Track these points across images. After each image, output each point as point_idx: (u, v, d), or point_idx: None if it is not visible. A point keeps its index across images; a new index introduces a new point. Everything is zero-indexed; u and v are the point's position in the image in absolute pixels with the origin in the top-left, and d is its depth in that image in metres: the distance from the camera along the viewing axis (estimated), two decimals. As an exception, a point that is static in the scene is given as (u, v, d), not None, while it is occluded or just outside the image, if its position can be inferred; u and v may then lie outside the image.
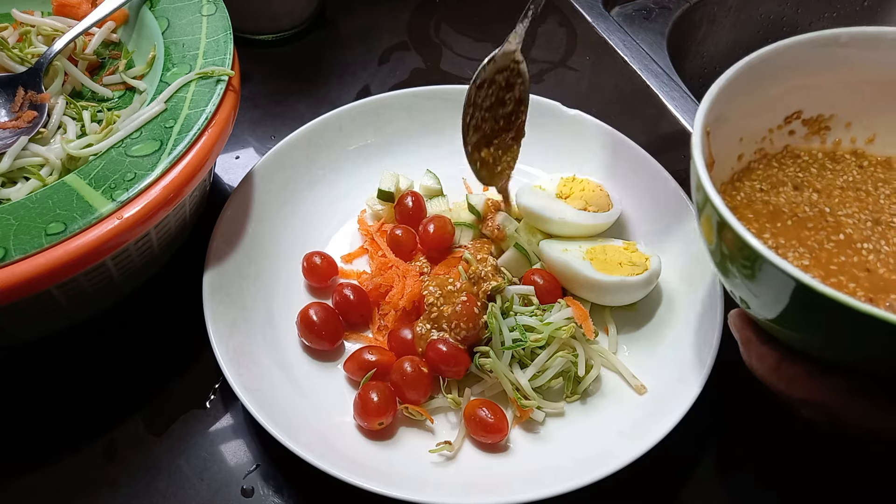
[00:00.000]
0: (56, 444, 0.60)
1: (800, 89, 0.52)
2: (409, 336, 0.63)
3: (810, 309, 0.40)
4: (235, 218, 0.69)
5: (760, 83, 0.50)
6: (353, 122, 0.78)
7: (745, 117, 0.51)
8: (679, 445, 0.56)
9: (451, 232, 0.70)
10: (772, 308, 0.43)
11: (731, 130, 0.50)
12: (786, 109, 0.53)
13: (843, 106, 0.53)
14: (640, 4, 1.00)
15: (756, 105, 0.51)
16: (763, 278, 0.41)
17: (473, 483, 0.56)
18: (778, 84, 0.51)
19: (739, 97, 0.49)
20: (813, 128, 0.54)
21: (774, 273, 0.39)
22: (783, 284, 0.39)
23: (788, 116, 0.53)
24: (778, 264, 0.39)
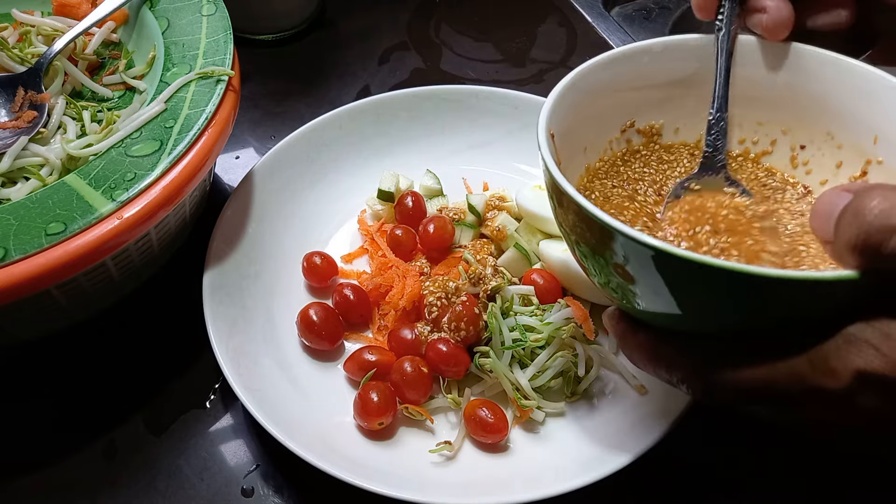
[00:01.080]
0: (56, 444, 0.60)
1: (626, 101, 0.55)
2: (409, 336, 0.63)
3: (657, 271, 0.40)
4: (235, 218, 0.69)
5: (587, 98, 0.53)
6: (353, 122, 0.78)
7: (583, 130, 0.53)
8: (679, 445, 0.56)
9: (451, 232, 0.70)
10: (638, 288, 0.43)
11: (573, 141, 0.53)
12: (619, 120, 0.56)
13: (667, 113, 0.56)
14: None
15: (589, 118, 0.53)
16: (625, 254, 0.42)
17: (473, 483, 0.56)
18: (605, 98, 0.54)
19: (570, 112, 0.51)
20: (647, 135, 0.57)
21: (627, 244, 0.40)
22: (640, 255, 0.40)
23: (623, 127, 0.56)
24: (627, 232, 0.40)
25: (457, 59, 0.96)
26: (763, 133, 0.56)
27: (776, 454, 0.61)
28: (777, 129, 0.55)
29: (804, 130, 0.54)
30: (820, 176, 0.53)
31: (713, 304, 0.41)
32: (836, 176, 0.52)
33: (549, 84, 0.92)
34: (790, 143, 0.55)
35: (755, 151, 0.56)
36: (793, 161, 0.55)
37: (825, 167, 0.53)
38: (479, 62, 0.72)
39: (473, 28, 1.00)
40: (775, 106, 0.54)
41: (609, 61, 0.53)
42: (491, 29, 1.00)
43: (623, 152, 0.57)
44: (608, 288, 0.46)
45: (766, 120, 0.55)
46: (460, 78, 0.93)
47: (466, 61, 0.96)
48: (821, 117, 0.53)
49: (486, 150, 0.80)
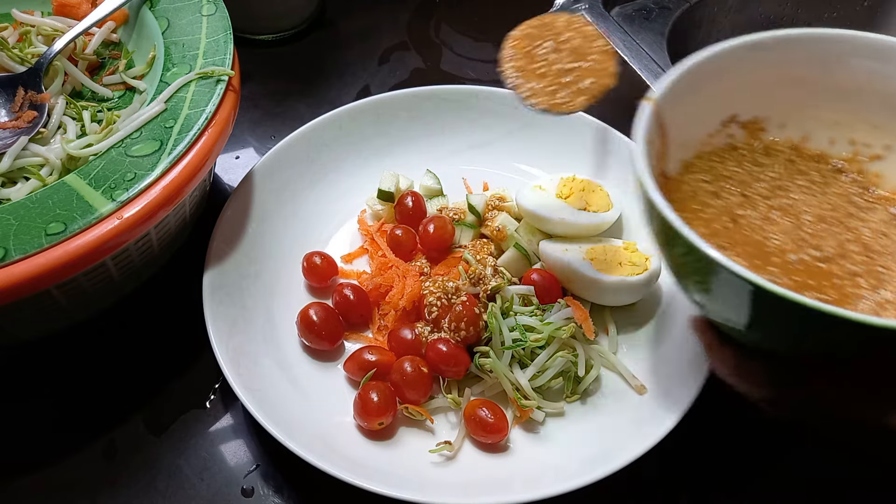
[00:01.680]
0: (56, 444, 0.60)
1: (733, 94, 0.54)
2: (409, 336, 0.63)
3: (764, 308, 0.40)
4: (235, 218, 0.69)
5: (694, 91, 0.51)
6: (353, 122, 0.78)
7: (684, 125, 0.52)
8: (679, 446, 0.56)
9: (451, 232, 0.70)
10: (730, 311, 0.43)
11: (672, 138, 0.51)
12: (721, 114, 0.55)
13: (774, 108, 0.55)
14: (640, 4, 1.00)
15: (693, 111, 0.52)
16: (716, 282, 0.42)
17: (473, 483, 0.56)
18: (711, 90, 0.52)
19: (675, 107, 0.50)
20: (749, 130, 0.55)
21: (727, 277, 0.40)
22: (738, 287, 0.40)
23: (725, 120, 0.55)
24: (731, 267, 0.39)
25: (457, 59, 0.96)
26: (876, 136, 0.54)
27: (776, 454, 0.61)
28: (892, 134, 0.53)
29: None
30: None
31: (809, 337, 0.41)
32: None
33: (549, 84, 0.92)
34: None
35: (866, 154, 0.54)
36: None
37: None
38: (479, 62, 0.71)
39: (473, 28, 1.00)
40: (892, 108, 0.52)
41: (722, 53, 0.51)
42: (491, 29, 1.00)
43: (721, 148, 0.55)
44: (693, 299, 0.46)
45: (881, 123, 0.53)
46: (460, 78, 0.93)
47: (466, 61, 0.96)
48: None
49: (486, 150, 0.80)
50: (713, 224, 0.50)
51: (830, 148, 0.55)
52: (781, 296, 0.38)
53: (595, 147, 0.76)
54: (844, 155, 0.55)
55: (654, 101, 0.48)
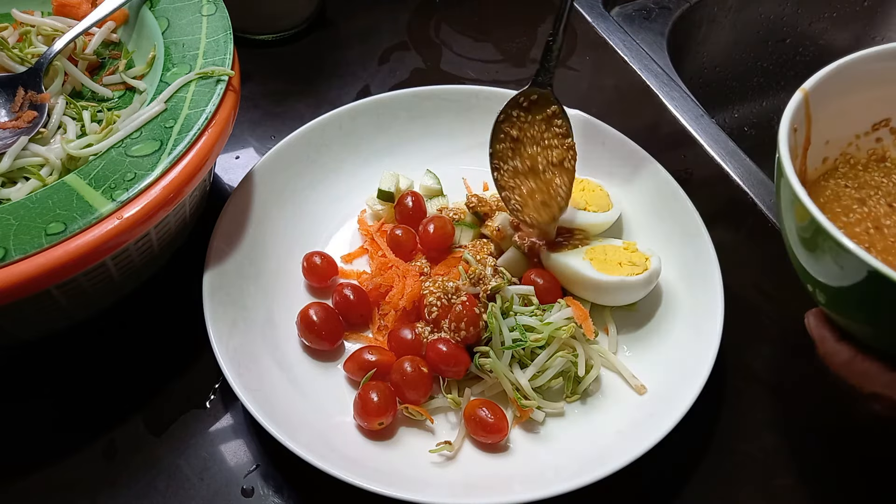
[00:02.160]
0: (56, 444, 0.60)
1: (889, 98, 0.52)
2: (409, 336, 0.63)
3: (880, 296, 0.40)
4: (235, 218, 0.69)
5: (849, 88, 0.50)
6: (353, 122, 0.78)
7: (832, 120, 0.51)
8: (679, 446, 0.56)
9: (450, 232, 0.70)
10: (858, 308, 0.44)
11: (817, 132, 0.50)
12: (874, 116, 0.53)
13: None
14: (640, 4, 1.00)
15: (844, 109, 0.51)
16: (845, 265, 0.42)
17: (473, 483, 0.56)
18: (866, 90, 0.51)
19: (827, 100, 0.49)
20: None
21: (853, 260, 0.40)
22: (858, 270, 0.40)
23: (876, 124, 0.54)
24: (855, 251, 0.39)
25: (457, 59, 0.96)
26: None
27: (777, 455, 0.61)
28: None
29: None
30: None
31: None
32: None
33: (549, 84, 0.92)
34: None
35: None
36: None
37: None
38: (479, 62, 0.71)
39: (473, 28, 1.00)
40: None
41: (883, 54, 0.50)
42: (491, 29, 1.00)
43: (867, 157, 0.54)
44: (817, 293, 0.46)
45: None
46: (460, 78, 0.93)
47: (466, 61, 0.96)
48: None
49: (485, 150, 0.79)
50: (855, 228, 0.50)
51: None
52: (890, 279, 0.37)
53: (595, 147, 0.76)
54: None
55: (805, 91, 0.47)
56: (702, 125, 0.84)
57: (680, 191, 0.71)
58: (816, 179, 0.53)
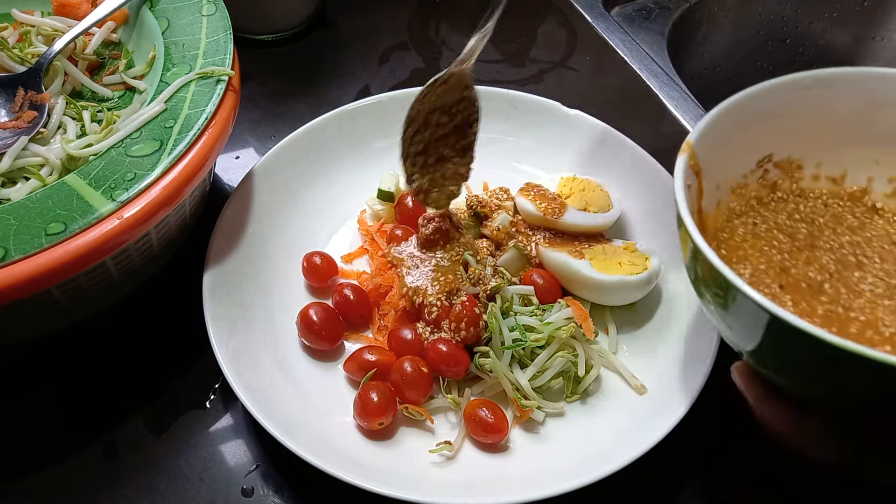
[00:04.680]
0: (56, 445, 0.60)
1: (770, 134, 0.53)
2: (409, 336, 0.63)
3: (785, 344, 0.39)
4: (235, 218, 0.69)
5: (731, 131, 0.51)
6: (353, 122, 0.78)
7: (720, 165, 0.51)
8: (679, 446, 0.56)
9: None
10: (748, 341, 0.42)
11: (708, 179, 0.51)
12: (758, 153, 0.54)
13: (812, 146, 0.54)
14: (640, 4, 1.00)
15: (729, 152, 0.52)
16: (735, 310, 0.41)
17: (473, 483, 0.56)
18: (747, 130, 0.52)
19: (713, 147, 0.50)
20: (785, 170, 0.55)
21: (746, 304, 0.39)
22: (756, 317, 0.39)
23: (760, 160, 0.54)
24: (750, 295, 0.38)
25: (457, 59, 0.96)
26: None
27: (777, 456, 0.61)
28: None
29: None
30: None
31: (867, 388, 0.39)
32: None
33: (549, 84, 0.93)
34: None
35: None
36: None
37: None
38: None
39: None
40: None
41: (759, 93, 0.51)
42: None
43: (759, 192, 0.54)
44: (740, 348, 0.45)
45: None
46: (460, 78, 0.93)
47: (466, 61, 0.95)
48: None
49: (485, 150, 0.79)
50: (762, 268, 0.50)
51: (868, 185, 0.55)
52: (835, 345, 0.36)
53: (595, 147, 0.76)
54: (882, 193, 0.54)
55: (690, 146, 0.48)
56: (702, 125, 0.84)
57: (680, 191, 0.70)
58: (719, 226, 0.53)
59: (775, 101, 0.52)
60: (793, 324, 0.37)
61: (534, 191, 0.71)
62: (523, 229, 0.70)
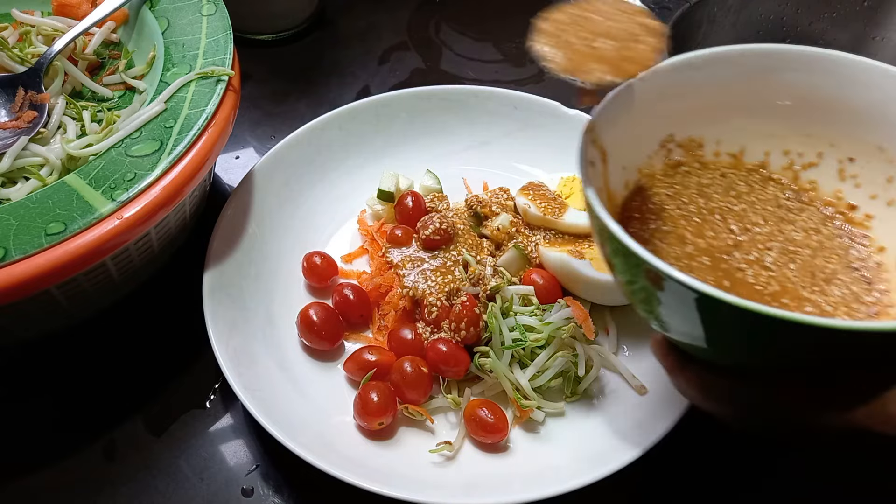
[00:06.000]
0: (56, 444, 0.60)
1: (668, 114, 0.54)
2: (409, 336, 0.63)
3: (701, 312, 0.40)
4: (235, 218, 0.69)
5: (631, 113, 0.52)
6: (353, 122, 0.78)
7: (623, 146, 0.52)
8: (679, 446, 0.56)
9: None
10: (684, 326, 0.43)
11: (613, 161, 0.51)
12: (659, 134, 0.55)
13: (710, 124, 0.55)
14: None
15: (631, 133, 0.52)
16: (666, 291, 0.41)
17: (473, 483, 0.56)
18: (646, 111, 0.52)
19: (614, 128, 0.50)
20: (687, 149, 0.56)
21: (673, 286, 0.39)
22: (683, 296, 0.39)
23: (663, 140, 0.55)
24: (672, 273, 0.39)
25: (457, 59, 0.96)
26: (810, 145, 0.54)
27: (776, 455, 0.61)
28: (825, 142, 0.54)
29: (853, 144, 0.52)
30: (869, 190, 0.52)
31: (762, 346, 0.40)
32: (885, 190, 0.51)
33: (549, 84, 0.93)
34: (838, 155, 0.53)
35: (800, 163, 0.55)
36: (840, 174, 0.53)
37: (875, 182, 0.52)
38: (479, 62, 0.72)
39: (473, 28, 1.00)
40: (823, 118, 0.53)
41: (651, 75, 0.51)
42: (491, 29, 1.00)
43: (665, 167, 0.55)
44: (649, 318, 0.45)
45: (814, 132, 0.54)
46: (460, 78, 0.93)
47: (466, 61, 0.96)
48: (872, 130, 0.51)
49: (485, 150, 0.80)
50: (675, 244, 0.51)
51: (766, 159, 0.56)
52: (723, 300, 0.37)
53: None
54: (780, 165, 0.55)
55: (591, 125, 0.49)
56: (701, 125, 0.84)
57: (680, 191, 0.71)
58: (626, 202, 0.53)
59: (670, 81, 0.52)
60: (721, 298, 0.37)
61: (534, 191, 0.71)
62: (523, 229, 0.71)
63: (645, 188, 0.54)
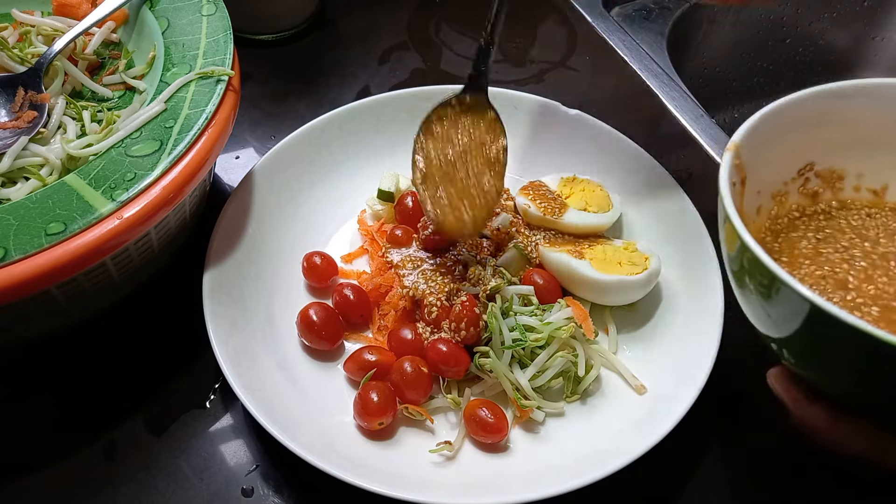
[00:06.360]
0: (56, 444, 0.60)
1: (811, 142, 0.53)
2: (409, 336, 0.63)
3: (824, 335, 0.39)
4: (235, 218, 0.69)
5: (773, 137, 0.51)
6: (353, 122, 0.78)
7: (761, 169, 0.51)
8: (679, 445, 0.56)
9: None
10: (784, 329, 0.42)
11: (750, 181, 0.51)
12: (799, 161, 0.54)
13: (853, 157, 0.54)
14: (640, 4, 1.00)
15: (770, 157, 0.51)
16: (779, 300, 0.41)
17: (473, 483, 0.56)
18: (790, 137, 0.52)
19: (755, 150, 0.49)
20: (826, 180, 0.55)
21: (790, 295, 0.39)
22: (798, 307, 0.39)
23: (801, 168, 0.54)
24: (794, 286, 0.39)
25: (457, 59, 0.96)
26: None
27: (778, 455, 0.61)
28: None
29: None
30: None
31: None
32: None
33: (549, 84, 0.93)
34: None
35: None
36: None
37: None
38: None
39: (473, 28, 1.00)
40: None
41: (801, 100, 0.50)
42: (491, 29, 1.00)
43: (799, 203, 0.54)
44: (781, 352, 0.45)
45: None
46: (460, 78, 0.93)
47: (466, 61, 0.95)
48: None
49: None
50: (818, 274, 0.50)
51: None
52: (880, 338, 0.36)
53: (595, 147, 0.76)
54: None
55: (735, 145, 0.48)
56: (702, 125, 0.84)
57: (680, 191, 0.71)
58: (761, 229, 0.53)
59: (817, 109, 0.51)
60: (836, 315, 0.37)
61: (534, 191, 0.71)
62: (523, 229, 0.71)
63: (786, 228, 0.53)
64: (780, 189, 0.54)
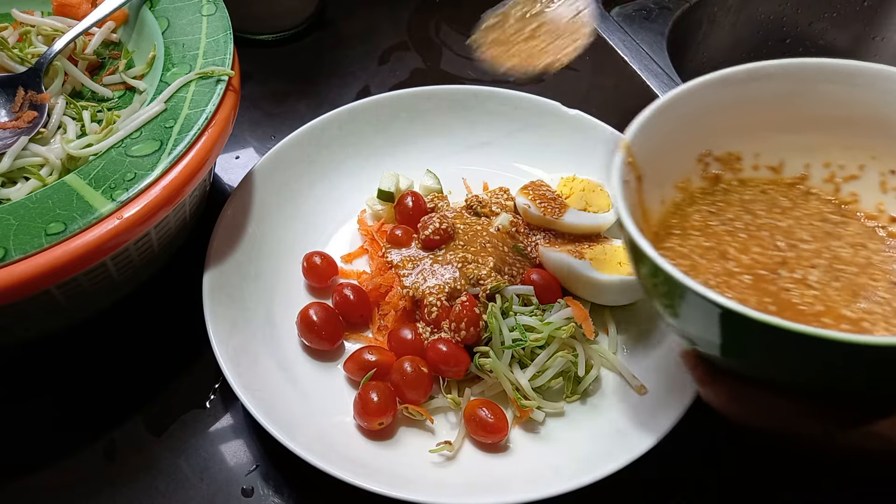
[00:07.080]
0: (56, 444, 0.60)
1: (705, 130, 0.54)
2: (409, 336, 0.63)
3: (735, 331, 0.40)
4: (235, 218, 0.69)
5: (667, 130, 0.52)
6: (353, 122, 0.78)
7: (659, 163, 0.52)
8: (679, 446, 0.56)
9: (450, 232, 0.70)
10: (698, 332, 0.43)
11: (648, 178, 0.51)
12: (696, 149, 0.55)
13: (748, 139, 0.55)
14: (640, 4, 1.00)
15: (667, 150, 0.52)
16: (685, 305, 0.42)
17: (473, 483, 0.56)
18: (682, 129, 0.53)
19: (650, 146, 0.50)
20: (725, 162, 0.56)
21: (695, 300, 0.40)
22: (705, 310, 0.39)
23: (700, 156, 0.55)
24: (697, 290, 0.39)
25: (457, 59, 0.96)
26: (851, 158, 0.54)
27: (777, 455, 0.61)
28: (866, 155, 0.54)
29: (895, 156, 0.52)
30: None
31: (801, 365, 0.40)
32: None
33: (549, 84, 0.92)
34: (879, 168, 0.53)
35: (841, 176, 0.55)
36: (882, 186, 0.53)
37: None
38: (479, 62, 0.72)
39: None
40: (864, 130, 0.53)
41: (690, 90, 0.51)
42: (491, 29, 1.00)
43: (701, 184, 0.55)
44: (680, 333, 0.46)
45: (855, 145, 0.54)
46: (460, 78, 0.93)
47: (466, 61, 0.96)
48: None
49: (485, 150, 0.80)
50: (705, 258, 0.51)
51: (806, 172, 0.56)
52: (748, 317, 0.37)
53: (595, 147, 0.76)
54: (820, 178, 0.55)
55: (625, 144, 0.48)
56: (702, 125, 0.84)
57: (680, 191, 0.71)
58: (665, 221, 0.53)
59: (708, 97, 0.52)
60: (750, 316, 0.37)
61: (534, 191, 0.71)
62: (523, 229, 0.71)
63: (684, 205, 0.54)
64: (682, 177, 0.55)
